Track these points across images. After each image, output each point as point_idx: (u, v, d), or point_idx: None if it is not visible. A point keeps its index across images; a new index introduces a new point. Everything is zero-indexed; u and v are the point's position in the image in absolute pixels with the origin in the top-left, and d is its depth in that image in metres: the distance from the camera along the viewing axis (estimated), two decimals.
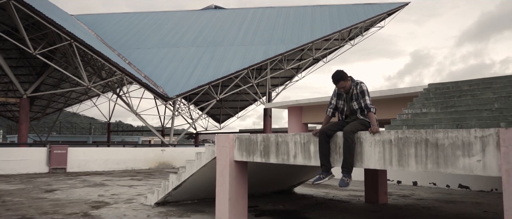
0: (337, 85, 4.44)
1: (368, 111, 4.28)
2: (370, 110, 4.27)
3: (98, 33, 29.00)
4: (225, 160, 5.66)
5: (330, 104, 4.69)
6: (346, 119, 4.53)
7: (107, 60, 17.77)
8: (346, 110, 4.52)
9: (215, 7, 33.53)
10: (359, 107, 4.37)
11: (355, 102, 4.40)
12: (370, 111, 4.27)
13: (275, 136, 5.05)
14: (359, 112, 4.38)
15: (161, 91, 20.35)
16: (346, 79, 4.41)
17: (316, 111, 15.86)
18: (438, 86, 9.95)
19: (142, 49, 25.93)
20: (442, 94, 9.43)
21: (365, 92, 4.37)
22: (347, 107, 4.49)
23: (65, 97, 39.23)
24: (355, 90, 4.41)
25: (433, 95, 9.62)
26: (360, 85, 4.41)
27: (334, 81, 4.45)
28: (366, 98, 4.32)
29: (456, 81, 9.93)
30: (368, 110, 4.28)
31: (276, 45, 25.32)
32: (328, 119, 4.68)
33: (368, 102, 4.30)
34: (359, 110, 4.38)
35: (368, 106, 4.28)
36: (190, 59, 24.06)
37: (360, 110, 4.37)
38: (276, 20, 29.32)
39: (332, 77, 4.47)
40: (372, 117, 4.24)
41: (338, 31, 26.17)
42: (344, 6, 31.01)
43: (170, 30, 28.86)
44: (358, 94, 4.37)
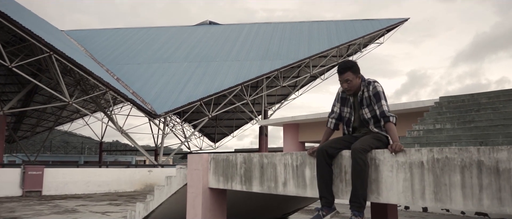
0: (342, 76, 3.23)
1: (386, 121, 3.08)
2: (388, 119, 3.07)
3: (88, 48, 27.98)
4: (198, 187, 4.44)
5: (331, 113, 3.49)
6: (354, 132, 3.34)
7: (89, 74, 16.62)
8: (353, 120, 3.32)
9: (210, 23, 32.67)
10: (372, 116, 3.19)
11: (366, 109, 3.21)
12: (389, 120, 3.07)
13: (259, 156, 3.84)
14: (372, 123, 3.20)
15: (149, 108, 19.15)
16: (355, 73, 3.22)
17: (314, 128, 14.66)
18: (451, 100, 8.80)
19: (132, 64, 24.85)
20: (457, 108, 8.27)
21: (381, 94, 3.16)
22: (356, 116, 3.30)
23: (56, 115, 38.07)
24: (366, 92, 3.22)
25: (446, 109, 8.46)
26: (374, 85, 3.20)
27: (340, 71, 3.24)
28: (383, 103, 3.12)
29: (472, 93, 8.79)
30: (386, 120, 3.08)
31: (272, 61, 24.30)
32: (329, 133, 3.48)
33: (386, 109, 3.10)
34: (372, 120, 3.19)
35: (386, 114, 3.08)
36: (182, 75, 22.96)
37: (373, 119, 3.19)
38: (272, 35, 28.39)
39: (339, 66, 3.28)
40: (392, 128, 3.04)
41: (336, 47, 25.21)
42: (342, 22, 30.19)
43: (163, 46, 27.86)
44: (371, 98, 3.19)
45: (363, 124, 3.26)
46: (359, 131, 3.29)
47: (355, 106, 3.30)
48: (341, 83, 3.28)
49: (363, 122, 3.25)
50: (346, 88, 3.24)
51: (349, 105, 3.34)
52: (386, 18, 29.08)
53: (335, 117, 3.45)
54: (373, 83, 3.22)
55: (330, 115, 3.50)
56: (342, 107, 3.40)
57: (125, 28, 32.68)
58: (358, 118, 3.29)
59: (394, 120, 3.09)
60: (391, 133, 3.01)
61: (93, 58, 25.63)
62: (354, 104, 3.31)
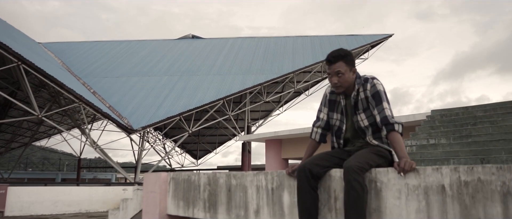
0: (331, 67, 2.47)
1: (389, 130, 2.33)
2: (393, 127, 2.32)
3: (65, 61, 26.92)
4: (154, 214, 3.62)
5: (317, 121, 2.73)
6: (346, 145, 2.58)
7: (61, 86, 15.63)
8: (345, 129, 2.56)
9: (193, 37, 32.00)
10: (370, 123, 2.45)
11: (362, 115, 2.47)
12: (394, 129, 2.32)
13: (226, 176, 3.07)
14: (370, 133, 2.45)
15: (125, 122, 18.18)
16: (349, 65, 2.46)
17: (298, 144, 13.93)
18: (444, 113, 8.19)
19: (110, 77, 23.89)
20: (451, 122, 7.66)
21: (383, 95, 2.42)
22: (349, 124, 2.55)
23: (32, 131, 36.67)
24: (362, 92, 2.47)
25: (439, 123, 7.84)
26: (373, 83, 2.46)
27: (330, 59, 2.49)
28: (385, 107, 2.38)
29: (466, 106, 8.21)
30: (389, 128, 2.33)
31: (255, 75, 23.66)
32: (314, 146, 2.71)
33: (389, 113, 2.37)
34: (370, 129, 2.45)
35: (389, 120, 2.34)
36: (161, 89, 22.09)
37: (372, 128, 2.44)
38: (256, 50, 27.84)
39: (329, 54, 2.52)
40: (397, 140, 2.28)
41: (321, 62, 24.73)
42: (326, 37, 29.90)
43: (143, 59, 27.00)
44: (369, 100, 2.44)
45: (358, 135, 2.51)
46: (353, 143, 2.53)
47: (348, 112, 2.55)
48: (329, 78, 2.51)
49: (358, 131, 2.50)
50: (336, 84, 2.46)
51: (340, 111, 2.58)
52: (371, 34, 28.90)
53: (321, 126, 2.68)
54: (372, 81, 2.45)
55: (315, 122, 2.72)
56: (331, 113, 2.63)
57: (105, 41, 31.75)
58: (351, 126, 2.53)
59: (400, 128, 2.34)
60: (396, 145, 2.25)
61: (70, 71, 24.61)
62: (346, 108, 2.55)
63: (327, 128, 2.68)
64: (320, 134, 2.69)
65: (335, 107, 2.61)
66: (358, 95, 2.48)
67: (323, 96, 2.73)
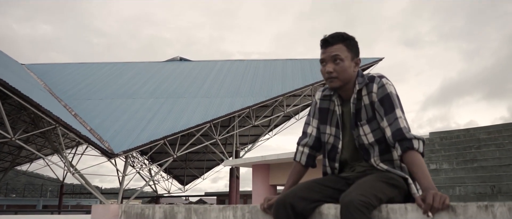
0: (327, 50, 1.79)
1: (406, 147, 1.64)
2: (412, 144, 1.63)
3: (48, 82, 26.08)
4: None
5: (303, 137, 2.02)
6: (342, 170, 1.88)
7: (36, 107, 14.79)
8: (342, 147, 1.86)
9: (181, 59, 31.47)
10: (377, 139, 1.76)
11: (366, 127, 1.78)
12: (412, 147, 1.63)
13: (186, 211, 2.34)
14: (376, 152, 1.76)
15: (106, 146, 17.29)
16: (352, 51, 1.81)
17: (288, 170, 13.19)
18: (444, 136, 7.57)
19: (93, 100, 23.05)
20: (452, 145, 7.02)
21: (395, 99, 1.73)
22: (346, 141, 1.86)
23: (13, 155, 35.43)
24: (366, 96, 1.79)
25: (439, 146, 7.20)
26: (381, 82, 1.76)
27: (326, 40, 1.82)
28: (398, 115, 1.70)
29: (467, 128, 7.61)
30: (406, 145, 1.64)
31: (244, 98, 23.03)
32: (298, 172, 2.00)
33: (405, 125, 1.69)
34: (377, 147, 1.76)
35: (405, 134, 1.66)
36: (146, 112, 21.29)
37: (379, 146, 1.76)
38: (245, 72, 27.34)
39: (325, 36, 1.84)
40: (418, 162, 1.59)
41: (311, 85, 24.28)
42: (316, 60, 29.44)
43: (128, 81, 26.27)
44: (375, 106, 1.76)
45: (359, 155, 1.81)
46: (353, 167, 1.83)
47: (346, 123, 1.85)
48: (322, 68, 1.83)
49: (359, 150, 1.80)
50: (330, 74, 1.77)
51: (335, 122, 1.87)
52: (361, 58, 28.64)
53: (309, 144, 1.97)
54: (380, 80, 1.76)
55: (301, 140, 2.01)
56: (323, 126, 1.92)
57: (90, 63, 31.03)
58: (350, 143, 1.83)
59: (420, 146, 1.63)
60: (418, 170, 1.55)
61: (52, 93, 23.76)
62: (344, 119, 1.86)
63: (317, 146, 1.98)
64: (307, 154, 1.98)
65: (328, 118, 1.90)
66: (360, 100, 1.79)
67: (312, 104, 2.03)
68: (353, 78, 1.81)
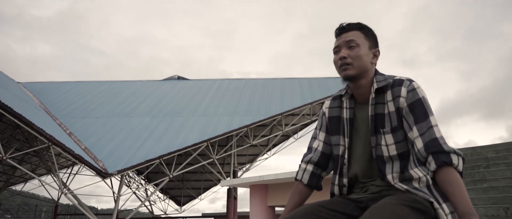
0: (341, 37, 1.57)
1: (442, 162, 1.32)
2: (449, 159, 1.32)
3: (44, 101, 25.83)
4: None
5: (307, 153, 1.72)
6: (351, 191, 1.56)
7: (28, 124, 14.42)
8: (353, 160, 1.55)
9: (178, 78, 31.32)
10: (400, 153, 1.45)
11: (389, 137, 1.46)
12: (450, 162, 1.32)
13: None
14: (396, 168, 1.43)
15: (100, 166, 16.86)
16: (370, 39, 1.57)
17: (286, 190, 12.76)
18: None
19: (88, 118, 22.74)
20: None
21: (428, 105, 1.44)
22: (360, 151, 1.54)
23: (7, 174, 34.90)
24: (391, 101, 1.48)
25: None
26: (411, 86, 1.47)
27: (340, 28, 1.60)
28: (433, 123, 1.40)
29: (473, 147, 7.28)
30: (442, 159, 1.33)
31: (242, 116, 22.75)
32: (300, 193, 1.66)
33: (441, 135, 1.38)
34: (398, 163, 1.44)
35: (442, 146, 1.35)
36: (142, 130, 20.94)
37: (401, 162, 1.44)
38: (243, 91, 27.15)
39: (340, 25, 1.61)
40: (457, 183, 1.27)
41: (309, 104, 24.06)
42: (315, 79, 29.44)
43: (125, 99, 26.02)
44: (403, 113, 1.46)
45: (373, 170, 1.50)
46: (365, 186, 1.50)
47: (360, 130, 1.55)
48: (335, 57, 1.58)
49: (377, 164, 1.47)
50: (344, 59, 1.52)
51: (348, 131, 1.57)
52: None
53: (313, 160, 1.67)
54: (411, 83, 1.48)
55: (305, 156, 1.71)
56: (335, 138, 1.62)
57: (87, 81, 30.84)
58: (364, 154, 1.52)
59: (459, 163, 1.33)
60: (456, 191, 1.26)
61: (47, 111, 23.47)
62: (358, 124, 1.56)
63: (322, 163, 1.68)
64: (311, 172, 1.66)
65: (341, 127, 1.60)
66: (383, 104, 1.49)
67: (320, 115, 1.75)
68: (371, 74, 1.55)
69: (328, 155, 1.67)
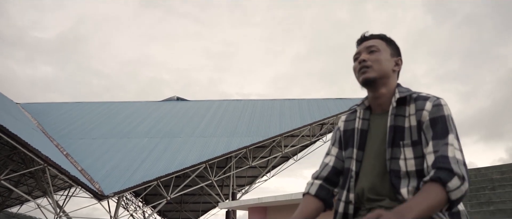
0: (363, 45, 1.51)
1: (437, 177, 1.18)
2: (446, 179, 1.17)
3: (42, 122, 25.67)
4: None
5: (320, 168, 1.57)
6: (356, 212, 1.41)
7: (24, 145, 14.23)
8: (356, 169, 1.42)
9: (177, 99, 31.26)
10: (418, 170, 1.29)
11: (408, 151, 1.32)
12: (445, 182, 1.17)
13: None
14: (412, 185, 1.28)
15: (96, 187, 16.58)
16: (391, 47, 1.51)
17: (286, 213, 12.47)
18: None
19: (86, 139, 22.54)
20: None
21: (450, 123, 1.32)
22: (371, 163, 1.39)
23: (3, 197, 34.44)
24: (413, 115, 1.36)
25: None
26: (437, 101, 1.35)
27: (362, 38, 1.55)
28: (449, 141, 1.25)
29: (478, 168, 7.10)
30: (438, 176, 1.18)
31: (241, 137, 22.58)
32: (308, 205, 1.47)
33: (454, 155, 1.22)
34: (415, 179, 1.29)
35: (451, 165, 1.19)
36: (140, 151, 20.71)
37: (418, 179, 1.29)
38: (242, 112, 27.04)
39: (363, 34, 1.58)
40: (428, 195, 1.15)
41: (309, 125, 23.93)
42: (314, 100, 29.39)
43: (124, 120, 25.88)
44: (424, 127, 1.33)
45: (384, 186, 1.34)
46: (372, 207, 1.34)
47: (373, 140, 1.43)
48: (355, 60, 1.53)
49: (390, 178, 1.33)
50: (364, 63, 1.45)
51: (357, 142, 1.46)
52: (360, 98, 28.48)
53: (322, 175, 1.53)
54: (438, 99, 1.37)
55: (315, 172, 1.58)
56: (348, 151, 1.50)
57: (86, 102, 30.77)
58: (376, 167, 1.37)
59: (458, 189, 1.18)
60: (417, 196, 1.17)
61: (44, 132, 23.29)
62: (372, 135, 1.44)
63: (334, 179, 1.53)
64: (319, 185, 1.51)
65: (356, 140, 1.48)
66: (404, 117, 1.37)
67: (334, 130, 1.65)
68: (392, 83, 1.46)
69: (340, 170, 1.53)
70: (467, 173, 1.23)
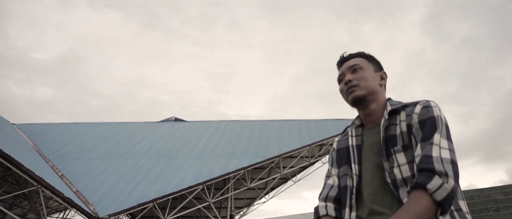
0: (344, 65, 1.56)
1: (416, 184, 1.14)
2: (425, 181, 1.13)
3: (38, 142, 25.43)
4: None
5: (326, 189, 1.55)
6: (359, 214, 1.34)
7: (18, 166, 13.98)
8: (364, 188, 1.34)
9: (175, 119, 31.12)
10: (413, 173, 1.24)
11: (401, 156, 1.26)
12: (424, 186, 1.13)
13: None
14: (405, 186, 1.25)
15: (91, 209, 16.24)
16: (373, 63, 1.54)
17: None
18: None
19: (82, 160, 22.27)
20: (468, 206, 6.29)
21: (439, 123, 1.26)
22: (370, 174, 1.33)
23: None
24: (404, 121, 1.33)
25: None
26: (427, 103, 1.32)
27: (342, 58, 1.60)
28: (435, 140, 1.21)
29: (481, 189, 6.90)
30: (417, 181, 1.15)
31: (239, 158, 22.35)
32: None
33: (438, 154, 1.17)
34: (408, 181, 1.25)
35: (433, 164, 1.15)
36: (136, 173, 20.42)
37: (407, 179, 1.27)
38: (241, 133, 26.87)
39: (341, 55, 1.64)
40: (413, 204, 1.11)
41: (308, 146, 23.74)
42: (313, 121, 29.29)
43: (120, 141, 25.66)
44: (413, 130, 1.29)
45: (386, 198, 1.27)
46: (379, 217, 1.25)
47: (369, 157, 1.37)
48: (340, 82, 1.56)
49: (391, 187, 1.27)
50: (350, 83, 1.47)
51: (355, 158, 1.43)
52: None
53: (332, 195, 1.49)
54: (428, 102, 1.34)
55: (321, 194, 1.55)
56: (344, 169, 1.48)
57: (83, 123, 30.60)
58: (375, 179, 1.32)
59: (441, 187, 1.13)
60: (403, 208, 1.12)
61: (40, 153, 23.03)
62: (366, 149, 1.40)
63: (339, 199, 1.51)
64: (334, 208, 1.46)
65: (353, 156, 1.47)
66: (396, 125, 1.34)
67: (330, 152, 1.73)
68: (382, 98, 1.46)
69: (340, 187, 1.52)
70: (455, 170, 1.18)
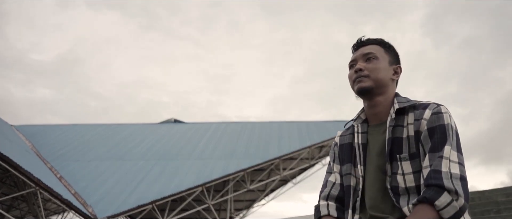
0: (359, 51, 1.43)
1: (423, 198, 1.06)
2: (433, 197, 1.05)
3: (37, 144, 25.33)
4: None
5: (327, 187, 1.47)
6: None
7: (15, 168, 13.90)
8: (362, 186, 1.29)
9: (175, 121, 31.05)
10: (418, 185, 1.14)
11: (406, 165, 1.18)
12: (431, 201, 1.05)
13: None
14: (412, 201, 1.11)
15: (89, 211, 16.16)
16: (390, 54, 1.44)
17: None
18: None
19: (81, 161, 22.18)
20: (469, 208, 6.21)
21: (450, 133, 1.18)
22: (371, 178, 1.26)
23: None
24: (411, 124, 1.24)
25: None
26: (438, 109, 1.25)
27: (358, 42, 1.47)
28: (445, 153, 1.12)
29: (481, 190, 6.84)
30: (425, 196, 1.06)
31: (239, 160, 22.26)
32: None
33: (447, 169, 1.09)
34: (415, 196, 1.12)
35: (443, 180, 1.06)
36: (135, 174, 20.33)
37: (418, 192, 1.13)
38: (240, 134, 26.78)
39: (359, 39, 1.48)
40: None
41: (308, 147, 23.65)
42: (313, 123, 29.19)
43: (120, 142, 25.58)
44: (422, 138, 1.20)
45: (387, 204, 1.21)
46: (372, 218, 1.21)
47: (373, 158, 1.31)
48: (351, 68, 1.47)
49: (392, 197, 1.20)
50: (360, 72, 1.38)
51: (361, 158, 1.36)
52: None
53: (333, 194, 1.42)
54: (438, 106, 1.27)
55: (321, 192, 1.48)
56: (346, 167, 1.43)
57: (82, 124, 30.52)
58: (376, 183, 1.25)
59: (450, 204, 1.06)
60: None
61: (38, 155, 22.93)
62: (371, 149, 1.33)
63: (342, 198, 1.44)
64: (336, 207, 1.39)
65: (352, 154, 1.43)
66: (402, 127, 1.26)
67: (332, 147, 1.65)
68: (391, 92, 1.38)
69: (343, 186, 1.45)
70: (465, 187, 1.10)
